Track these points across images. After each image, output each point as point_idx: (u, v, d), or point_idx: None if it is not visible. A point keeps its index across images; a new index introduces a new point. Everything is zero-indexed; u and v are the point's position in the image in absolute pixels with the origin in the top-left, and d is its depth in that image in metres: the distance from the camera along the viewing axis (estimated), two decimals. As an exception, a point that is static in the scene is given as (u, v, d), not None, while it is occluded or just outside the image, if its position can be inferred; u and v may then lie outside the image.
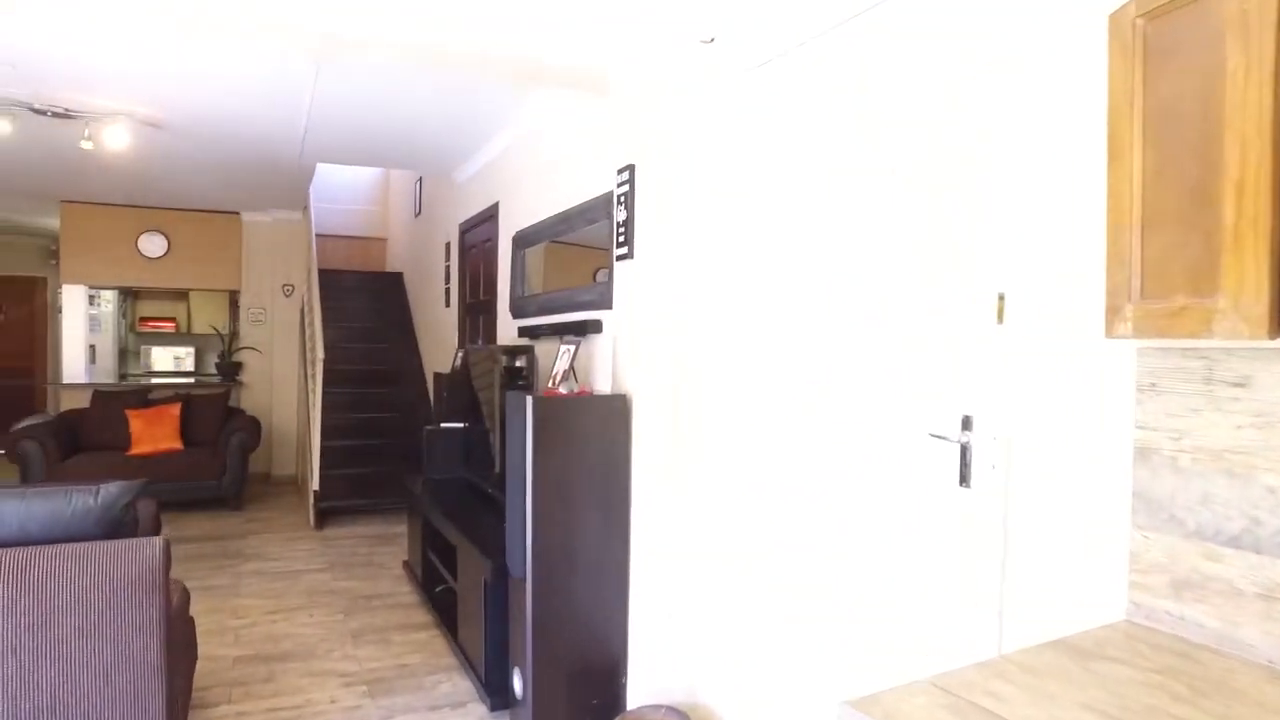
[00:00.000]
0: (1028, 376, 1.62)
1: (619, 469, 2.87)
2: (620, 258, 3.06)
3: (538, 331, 4.26)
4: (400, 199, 8.73)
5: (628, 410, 2.90)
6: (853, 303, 2.03)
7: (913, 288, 1.88)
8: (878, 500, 1.96)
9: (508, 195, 4.98)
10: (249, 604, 4.21)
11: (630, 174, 2.97)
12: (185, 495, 6.28)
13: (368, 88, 4.08)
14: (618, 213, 3.06)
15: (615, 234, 3.09)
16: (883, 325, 1.95)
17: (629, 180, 2.97)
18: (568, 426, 2.76)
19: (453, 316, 6.19)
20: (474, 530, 3.47)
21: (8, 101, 4.37)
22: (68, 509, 2.28)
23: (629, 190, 2.97)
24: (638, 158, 2.97)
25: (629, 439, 2.90)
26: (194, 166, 5.80)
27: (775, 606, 2.29)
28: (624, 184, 3.01)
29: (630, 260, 2.99)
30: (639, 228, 2.94)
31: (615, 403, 2.87)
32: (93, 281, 7.67)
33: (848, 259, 2.05)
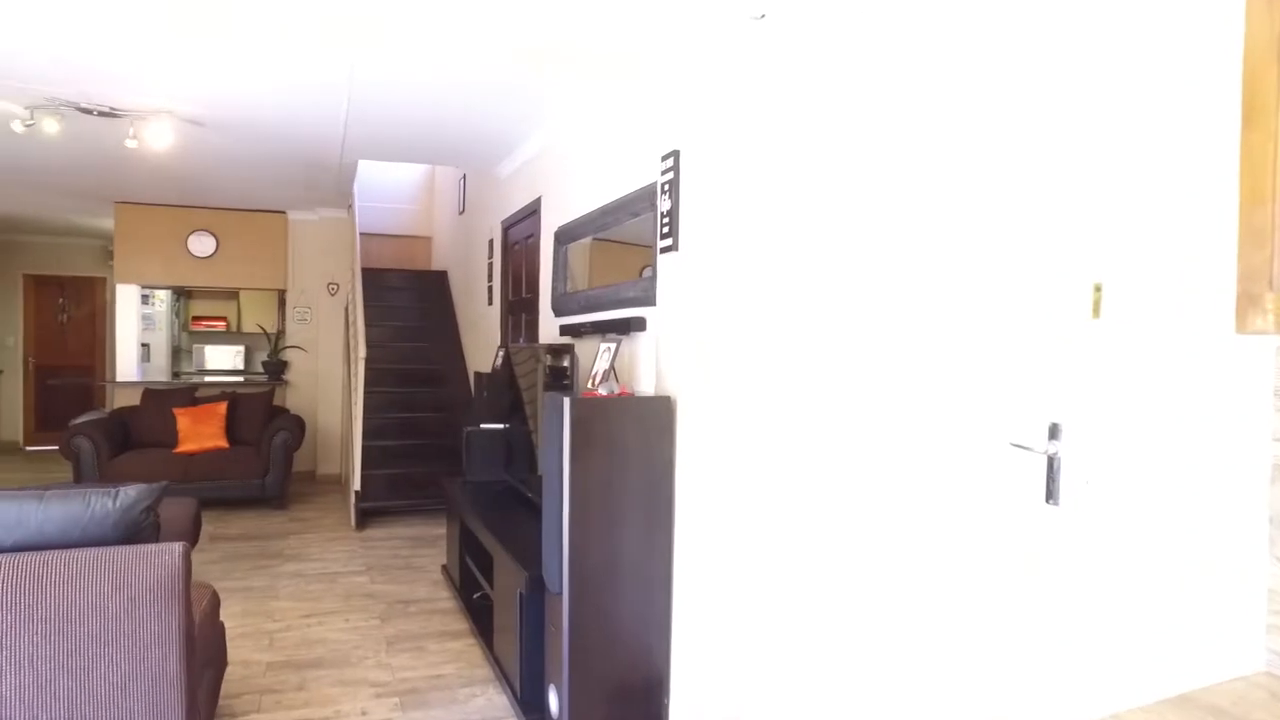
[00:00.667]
0: (1129, 380, 1.40)
1: (662, 475, 2.70)
2: (664, 250, 2.88)
3: (580, 330, 4.11)
4: (445, 197, 8.68)
5: (671, 413, 2.72)
6: (923, 296, 1.82)
7: (992, 278, 1.66)
8: (949, 516, 1.74)
9: (550, 189, 4.84)
10: (285, 607, 4.14)
11: (675, 160, 2.79)
12: (229, 494, 6.29)
13: (405, 81, 3.98)
14: (662, 202, 2.89)
15: (659, 225, 2.91)
16: (958, 321, 1.74)
17: (673, 167, 2.79)
18: (608, 430, 2.59)
19: (495, 315, 6.08)
20: (511, 537, 3.32)
21: (55, 101, 4.39)
22: (85, 512, 2.19)
23: (673, 178, 2.79)
24: (683, 143, 2.79)
25: (672, 443, 2.72)
26: (238, 164, 5.79)
27: (830, 629, 2.09)
28: (668, 171, 2.84)
29: (675, 253, 2.81)
30: (684, 218, 2.76)
31: (658, 405, 2.70)
32: (144, 281, 7.77)
33: (917, 248, 1.84)
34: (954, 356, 1.74)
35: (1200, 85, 1.29)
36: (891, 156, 1.90)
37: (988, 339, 1.67)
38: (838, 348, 2.05)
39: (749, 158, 2.41)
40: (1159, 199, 1.36)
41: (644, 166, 3.26)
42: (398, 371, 7.13)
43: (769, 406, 2.31)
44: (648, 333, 3.24)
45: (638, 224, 3.53)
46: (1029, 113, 1.60)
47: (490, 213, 6.36)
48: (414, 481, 6.24)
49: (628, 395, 2.65)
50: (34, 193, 7.02)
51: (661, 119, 2.99)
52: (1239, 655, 1.18)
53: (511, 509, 3.94)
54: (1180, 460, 1.30)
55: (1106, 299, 1.47)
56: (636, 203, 3.46)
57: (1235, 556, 1.21)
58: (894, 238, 1.89)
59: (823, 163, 2.12)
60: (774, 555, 2.29)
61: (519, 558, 2.99)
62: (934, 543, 1.77)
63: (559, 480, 2.56)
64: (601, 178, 3.91)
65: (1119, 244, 1.42)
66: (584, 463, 2.55)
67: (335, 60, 3.70)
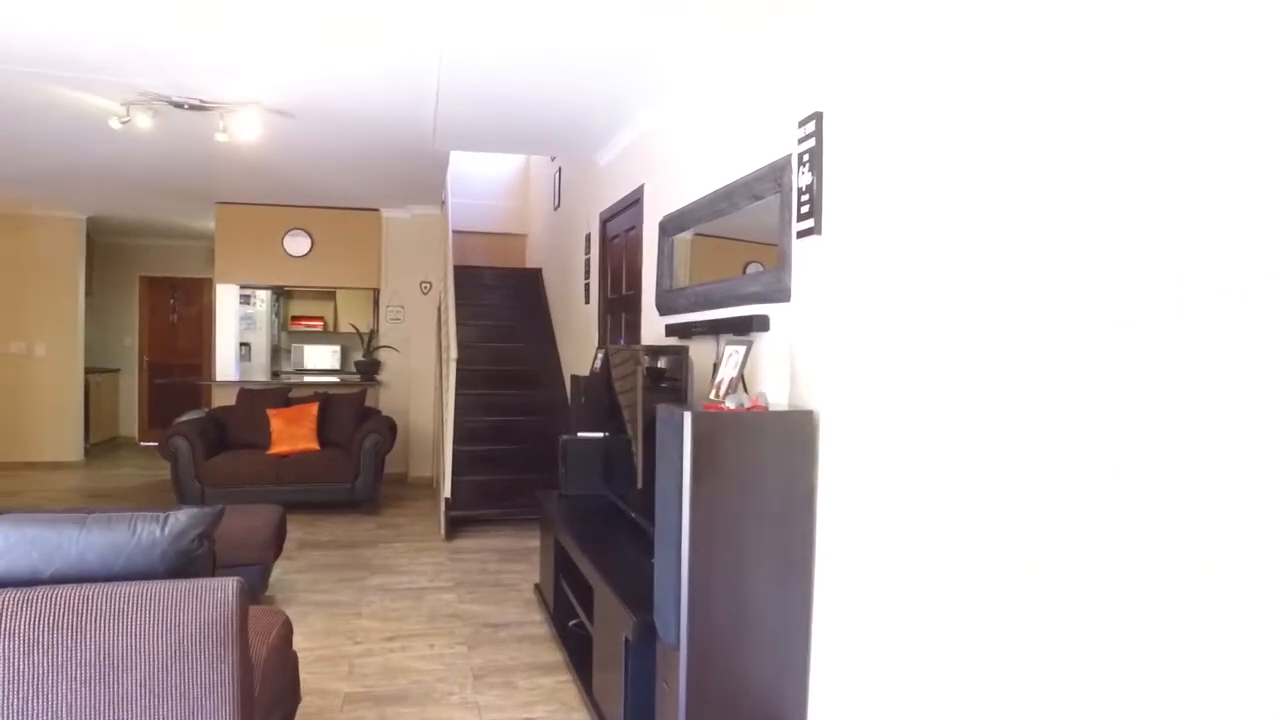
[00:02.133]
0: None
1: (800, 506, 2.21)
2: (802, 234, 2.40)
3: (689, 330, 3.67)
4: (540, 192, 8.40)
5: (812, 431, 2.24)
6: (1168, 285, 1.28)
7: (1262, 256, 1.12)
8: (1194, 563, 1.20)
9: (654, 176, 4.42)
10: (369, 627, 3.84)
11: (816, 125, 2.30)
12: (319, 497, 6.13)
13: (499, 60, 3.64)
14: (799, 177, 2.41)
15: (795, 205, 2.43)
16: (1221, 317, 1.20)
17: (814, 133, 2.31)
18: (737, 451, 2.13)
19: (592, 314, 5.70)
20: (613, 567, 2.90)
21: (148, 95, 4.25)
22: (130, 540, 1.88)
23: (815, 146, 2.30)
24: (828, 102, 2.30)
25: (813, 467, 2.24)
26: (328, 158, 5.60)
27: (1014, 707, 1.57)
28: (808, 139, 2.35)
29: (816, 237, 2.33)
30: (829, 194, 2.27)
31: (797, 421, 2.22)
32: (242, 281, 7.78)
33: (1159, 224, 1.30)
34: (1220, 362, 1.19)
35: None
36: (1131, 111, 1.37)
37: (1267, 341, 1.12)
38: (1048, 353, 1.52)
39: (919, 115, 1.91)
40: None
41: (771, 140, 2.80)
42: (490, 373, 6.85)
43: (944, 426, 1.80)
44: (773, 333, 2.77)
45: (760, 209, 3.08)
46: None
47: (587, 205, 5.99)
48: (506, 489, 5.92)
49: (761, 410, 2.18)
50: (144, 195, 7.09)
51: (799, 75, 2.51)
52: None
53: (612, 530, 3.53)
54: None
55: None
56: (759, 183, 3.00)
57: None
58: (1130, 214, 1.35)
59: (1023, 118, 1.60)
60: (940, 609, 1.78)
61: (625, 595, 2.56)
62: (1170, 595, 1.23)
63: (676, 512, 2.11)
64: (716, 158, 3.46)
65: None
66: (708, 491, 2.10)
67: (424, 40, 3.40)
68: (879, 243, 2.05)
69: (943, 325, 1.81)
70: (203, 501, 5.89)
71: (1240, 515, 1.18)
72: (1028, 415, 1.57)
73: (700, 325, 3.53)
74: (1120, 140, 1.39)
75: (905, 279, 1.94)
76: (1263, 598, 1.15)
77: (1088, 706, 1.43)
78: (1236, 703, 1.18)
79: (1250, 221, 1.17)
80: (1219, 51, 1.23)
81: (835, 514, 2.19)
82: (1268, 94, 1.15)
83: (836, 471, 2.18)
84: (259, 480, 6.00)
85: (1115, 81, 1.40)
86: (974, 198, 1.73)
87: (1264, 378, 1.15)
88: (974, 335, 1.72)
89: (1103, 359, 1.41)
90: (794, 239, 2.47)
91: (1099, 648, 1.41)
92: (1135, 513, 1.34)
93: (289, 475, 6.05)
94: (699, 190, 3.64)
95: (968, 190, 1.75)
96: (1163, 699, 1.29)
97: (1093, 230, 1.44)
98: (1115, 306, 1.39)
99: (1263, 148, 1.16)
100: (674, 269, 4.10)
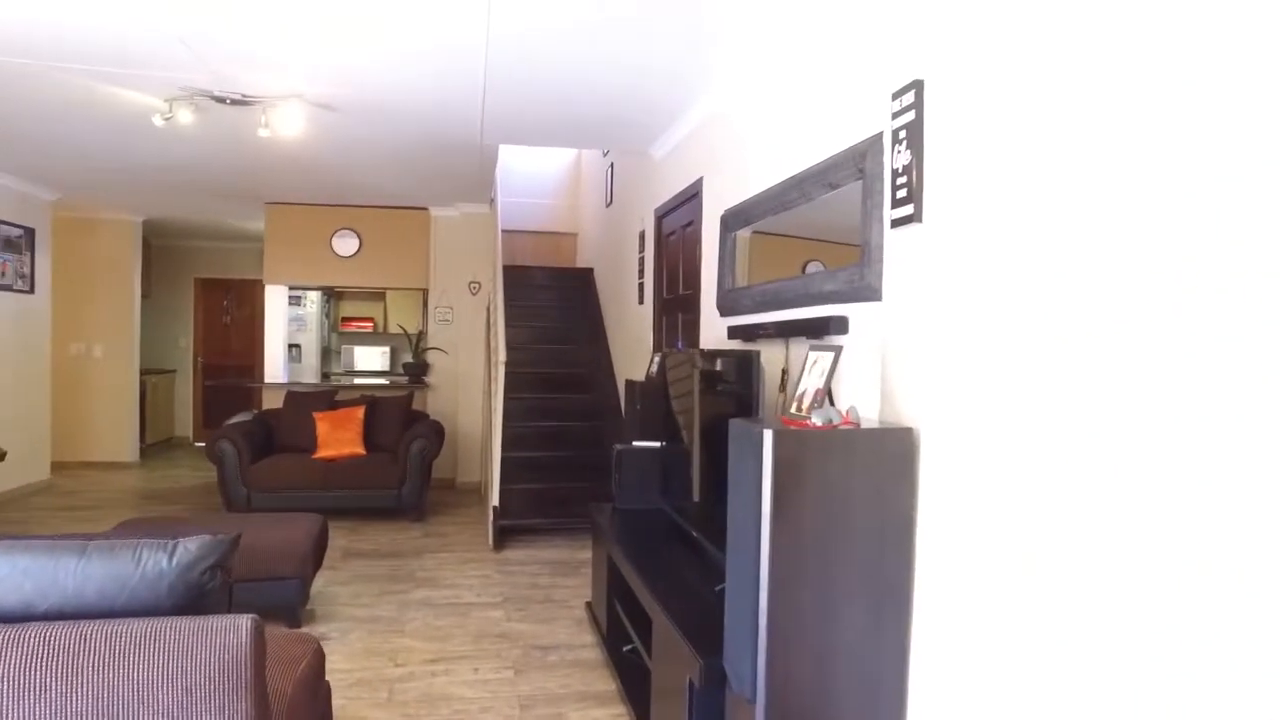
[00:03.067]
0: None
1: (896, 540, 1.90)
2: (898, 223, 2.08)
3: (754, 332, 3.38)
4: (591, 189, 8.16)
5: (911, 452, 1.92)
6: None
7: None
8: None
9: (715, 168, 4.13)
10: (411, 647, 3.62)
11: (916, 95, 1.98)
12: (365, 503, 5.97)
13: (549, 41, 3.39)
14: (893, 157, 2.09)
15: (889, 190, 2.12)
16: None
17: (914, 105, 1.99)
18: (825, 475, 1.82)
19: (646, 315, 5.43)
20: (673, 595, 2.62)
21: (189, 90, 4.12)
22: (134, 571, 1.66)
23: (913, 120, 1.99)
24: (928, 69, 1.98)
25: (912, 494, 1.92)
26: (374, 153, 5.43)
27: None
28: (904, 112, 2.04)
29: (915, 225, 2.01)
30: (932, 176, 1.95)
31: (895, 440, 1.90)
32: (291, 281, 7.70)
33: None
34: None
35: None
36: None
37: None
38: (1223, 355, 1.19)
39: (1042, 78, 1.58)
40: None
41: (852, 119, 2.49)
42: (539, 376, 6.63)
43: (1078, 450, 1.47)
44: (853, 337, 2.46)
45: (838, 198, 2.77)
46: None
47: (641, 201, 5.72)
48: (556, 498, 5.68)
49: (852, 427, 1.87)
50: (195, 196, 7.06)
51: (893, 40, 2.19)
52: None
53: (670, 548, 3.25)
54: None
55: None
56: (837, 169, 2.69)
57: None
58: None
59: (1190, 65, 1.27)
60: (1070, 663, 1.45)
61: (688, 630, 2.27)
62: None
63: (753, 546, 1.81)
64: (785, 146, 3.16)
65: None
66: (791, 522, 1.80)
67: (470, 22, 3.18)
68: (997, 230, 1.72)
69: (1093, 319, 1.49)
70: (249, 506, 5.77)
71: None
72: (1206, 424, 1.24)
73: (766, 327, 3.24)
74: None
75: (1034, 271, 1.62)
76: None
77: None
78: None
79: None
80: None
81: (939, 547, 1.87)
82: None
83: (941, 497, 1.86)
84: (304, 485, 5.86)
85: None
86: (1126, 172, 1.40)
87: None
88: (1134, 331, 1.39)
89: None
90: (885, 229, 2.16)
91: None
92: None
93: (334, 480, 5.90)
94: (765, 181, 3.34)
95: (1119, 164, 1.42)
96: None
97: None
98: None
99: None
100: (736, 267, 3.80)
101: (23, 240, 6.74)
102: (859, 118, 2.44)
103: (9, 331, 6.56)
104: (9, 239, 6.57)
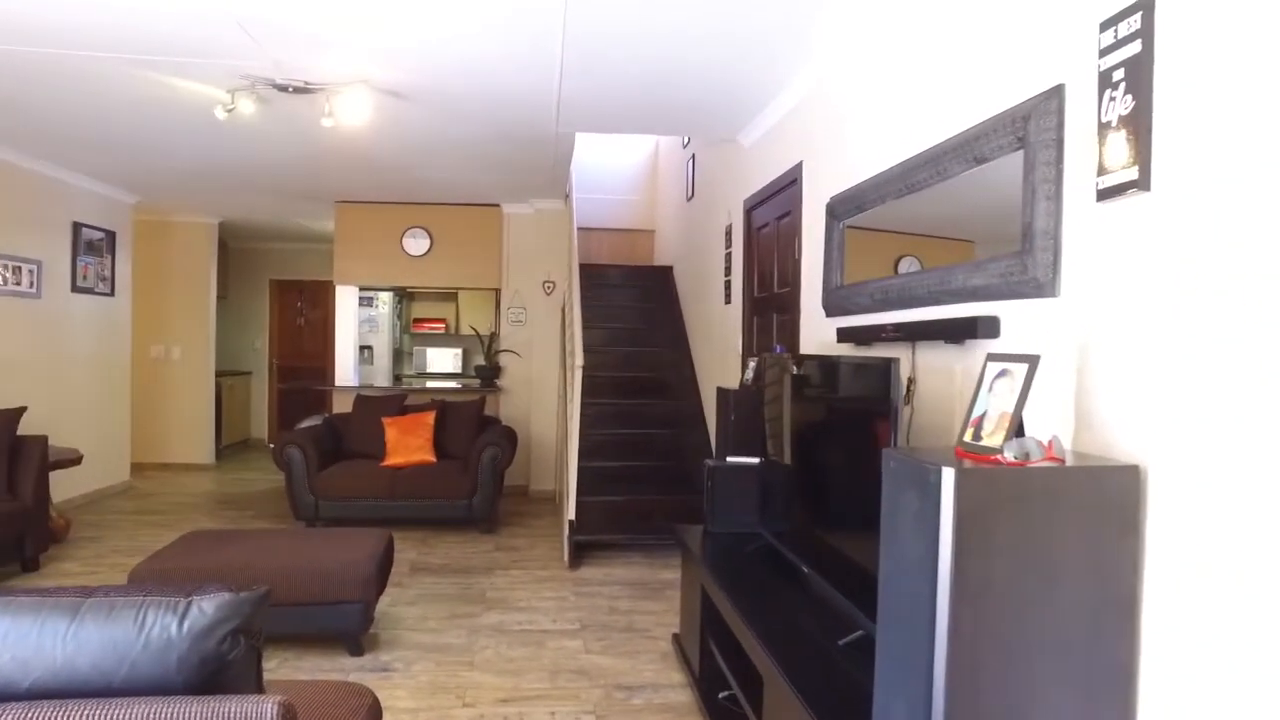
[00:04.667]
0: None
1: (1117, 618, 1.43)
2: (1107, 193, 1.60)
3: (871, 334, 2.94)
4: (669, 184, 7.76)
5: (1135, 497, 1.44)
6: None
7: None
8: None
9: (817, 150, 3.67)
10: (481, 683, 3.27)
11: (1142, 19, 1.50)
12: (435, 514, 5.69)
13: (627, 16, 3.01)
14: (1105, 107, 1.60)
15: (1101, 144, 1.63)
16: None
17: (1137, 33, 1.51)
18: (1023, 529, 1.36)
19: (735, 315, 4.99)
20: (787, 647, 2.19)
21: (250, 78, 3.88)
22: (136, 638, 1.31)
23: (1140, 53, 1.50)
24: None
25: (1138, 553, 1.44)
26: (444, 146, 5.13)
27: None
28: (1119, 46, 1.55)
29: (1136, 196, 1.53)
30: (1166, 128, 1.47)
31: (1114, 483, 1.43)
32: (361, 281, 7.53)
33: None
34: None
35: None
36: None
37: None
38: None
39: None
40: None
41: (1015, 74, 2.04)
42: (617, 380, 6.25)
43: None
44: (1005, 340, 2.01)
45: (985, 174, 2.31)
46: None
47: (728, 194, 5.28)
48: (636, 511, 5.28)
49: (1057, 464, 1.40)
50: (266, 196, 6.94)
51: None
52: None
53: (775, 581, 2.83)
54: None
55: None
56: (985, 140, 2.24)
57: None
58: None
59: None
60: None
61: (810, 696, 1.83)
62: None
63: (923, 618, 1.37)
64: (915, 113, 2.70)
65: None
66: (978, 589, 1.35)
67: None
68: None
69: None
70: (316, 514, 5.56)
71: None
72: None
73: (887, 330, 2.78)
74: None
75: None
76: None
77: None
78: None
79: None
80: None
81: (1176, 627, 1.39)
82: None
83: (1180, 559, 1.38)
84: (372, 494, 5.62)
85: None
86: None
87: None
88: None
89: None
90: (1097, 200, 1.68)
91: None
92: None
93: (403, 489, 5.63)
94: (884, 160, 2.89)
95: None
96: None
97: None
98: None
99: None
100: (846, 261, 3.33)
101: (104, 243, 6.71)
102: (1023, 71, 1.98)
103: (91, 334, 6.54)
104: (90, 242, 6.55)
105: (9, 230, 5.56)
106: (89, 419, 6.46)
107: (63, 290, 6.17)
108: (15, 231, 5.62)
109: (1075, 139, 1.86)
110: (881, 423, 2.21)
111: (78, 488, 6.26)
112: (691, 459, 5.65)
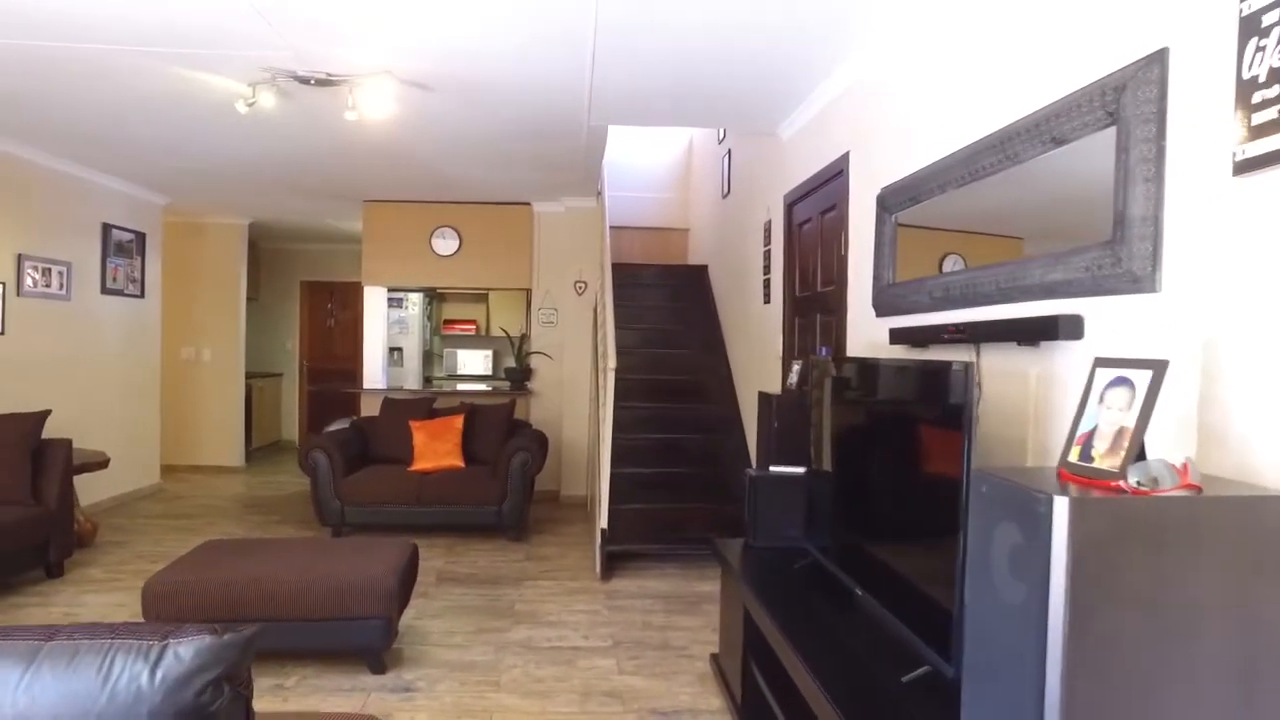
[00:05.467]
0: None
1: (1273, 676, 1.18)
2: (1249, 165, 1.35)
3: (930, 335, 2.71)
4: (704, 181, 7.54)
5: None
6: None
7: None
8: None
9: (866, 139, 3.43)
10: (508, 706, 3.08)
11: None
12: (463, 520, 5.52)
13: (662, 4, 2.81)
14: (1254, 59, 1.36)
15: (1243, 106, 1.39)
16: None
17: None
18: (1152, 569, 1.13)
19: (775, 315, 4.75)
20: (842, 681, 1.96)
21: (270, 69, 3.73)
22: (100, 691, 1.13)
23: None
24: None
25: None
26: (472, 141, 4.96)
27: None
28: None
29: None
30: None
31: (1266, 514, 1.18)
32: (389, 282, 7.41)
33: None
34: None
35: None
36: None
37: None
38: None
39: None
40: None
41: (1107, 40, 1.80)
42: (651, 383, 6.04)
43: None
44: (1091, 345, 1.78)
45: (1061, 158, 2.08)
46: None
47: (766, 189, 5.05)
48: (670, 520, 5.08)
49: (1195, 491, 1.17)
50: (293, 196, 6.85)
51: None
52: None
53: (822, 603, 2.60)
54: None
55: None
56: (1069, 116, 2.01)
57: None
58: None
59: None
60: None
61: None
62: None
63: (1030, 678, 1.13)
64: (980, 94, 2.47)
65: None
66: (1100, 643, 1.11)
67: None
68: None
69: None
70: (342, 519, 5.42)
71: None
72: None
73: (949, 330, 2.54)
74: None
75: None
76: None
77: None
78: None
79: None
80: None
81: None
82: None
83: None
84: (399, 500, 5.46)
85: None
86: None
87: None
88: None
89: None
90: (1235, 174, 1.43)
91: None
92: None
93: (430, 495, 5.47)
94: (946, 145, 2.64)
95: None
96: None
97: None
98: None
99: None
100: (899, 256, 3.09)
101: (133, 244, 6.66)
102: (1113, 38, 1.75)
103: (121, 336, 6.48)
104: (120, 243, 6.50)
105: (38, 232, 5.51)
106: (118, 421, 6.40)
107: (92, 292, 6.12)
108: (45, 233, 5.56)
109: (1182, 111, 1.62)
110: (947, 434, 1.97)
111: (107, 490, 6.21)
112: (728, 465, 5.42)
